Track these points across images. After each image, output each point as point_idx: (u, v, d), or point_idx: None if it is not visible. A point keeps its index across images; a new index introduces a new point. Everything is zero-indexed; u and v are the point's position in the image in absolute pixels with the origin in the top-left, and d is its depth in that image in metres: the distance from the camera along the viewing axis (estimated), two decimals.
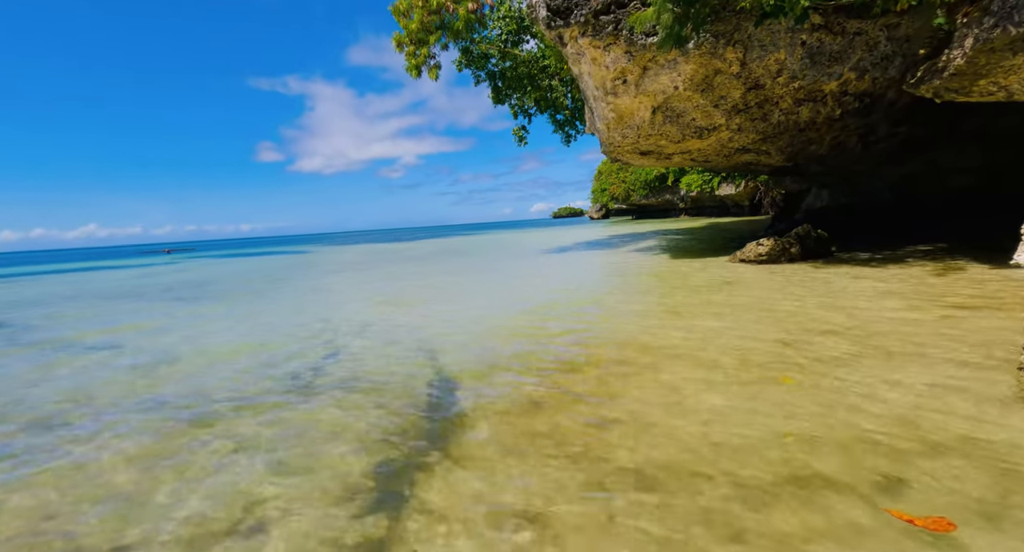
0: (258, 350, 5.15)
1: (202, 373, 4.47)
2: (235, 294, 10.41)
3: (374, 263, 18.31)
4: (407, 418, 3.10)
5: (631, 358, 4.02)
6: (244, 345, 5.43)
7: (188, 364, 4.81)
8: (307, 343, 5.36)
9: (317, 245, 49.38)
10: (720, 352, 3.97)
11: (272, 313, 7.71)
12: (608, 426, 2.77)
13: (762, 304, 5.67)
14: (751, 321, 4.90)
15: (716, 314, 5.34)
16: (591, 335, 4.90)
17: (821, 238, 9.08)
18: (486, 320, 5.98)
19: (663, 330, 4.82)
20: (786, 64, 8.53)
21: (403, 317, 6.50)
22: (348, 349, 4.93)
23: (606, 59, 8.68)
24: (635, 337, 4.64)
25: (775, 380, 3.28)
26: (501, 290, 8.40)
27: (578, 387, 3.43)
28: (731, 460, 2.28)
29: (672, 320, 5.23)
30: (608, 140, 10.89)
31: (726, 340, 4.31)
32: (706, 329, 4.72)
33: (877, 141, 10.80)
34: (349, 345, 5.09)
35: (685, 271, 9.11)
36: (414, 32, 11.99)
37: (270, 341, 5.59)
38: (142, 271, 21.70)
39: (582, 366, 3.90)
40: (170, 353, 5.29)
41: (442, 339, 5.09)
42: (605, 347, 4.42)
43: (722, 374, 3.47)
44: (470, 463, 2.46)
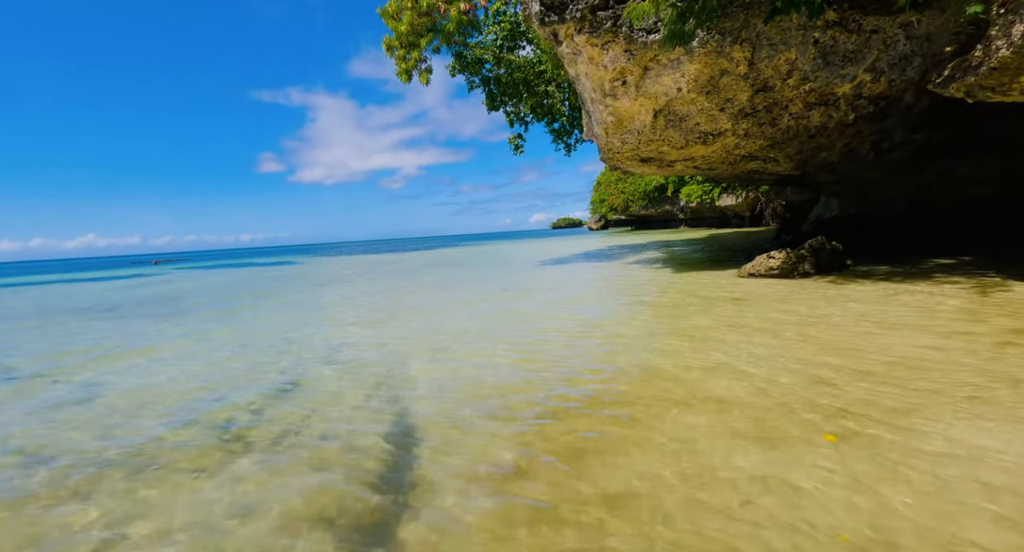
0: (200, 386, 4.42)
1: (117, 417, 3.74)
2: (205, 311, 9.68)
3: (365, 275, 17.61)
4: (352, 495, 2.37)
5: (640, 396, 3.31)
6: (187, 378, 4.71)
7: (106, 404, 4.06)
8: (259, 377, 4.63)
9: (313, 256, 48.72)
10: (745, 391, 3.27)
11: (235, 335, 6.98)
12: (615, 507, 2.06)
13: (783, 328, 4.97)
14: (774, 351, 4.20)
15: (732, 341, 4.64)
16: (591, 367, 4.19)
17: (836, 251, 8.43)
18: (472, 347, 5.27)
19: (675, 361, 4.11)
20: (797, 64, 7.95)
21: (379, 343, 5.79)
22: (303, 388, 4.20)
23: (604, 58, 8.10)
24: (643, 370, 3.92)
25: (815, 434, 2.57)
26: (494, 309, 7.69)
27: (574, 442, 2.72)
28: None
29: (684, 348, 4.52)
30: (607, 146, 10.29)
31: (748, 374, 3.60)
32: (723, 360, 4.02)
33: (891, 149, 10.21)
34: (306, 382, 4.35)
35: (691, 286, 8.42)
36: (404, 35, 11.45)
37: (218, 373, 4.86)
38: (124, 283, 20.97)
39: (578, 413, 3.19)
40: (95, 389, 4.55)
41: (419, 374, 4.37)
42: (608, 383, 3.71)
43: (750, 424, 2.76)
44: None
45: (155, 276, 25.34)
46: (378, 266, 22.96)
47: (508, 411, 3.26)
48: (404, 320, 7.24)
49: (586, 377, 3.88)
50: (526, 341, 5.24)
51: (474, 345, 5.28)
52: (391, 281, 14.17)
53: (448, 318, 7.15)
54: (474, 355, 4.86)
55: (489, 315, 7.20)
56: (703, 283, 8.66)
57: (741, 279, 8.68)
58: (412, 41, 11.63)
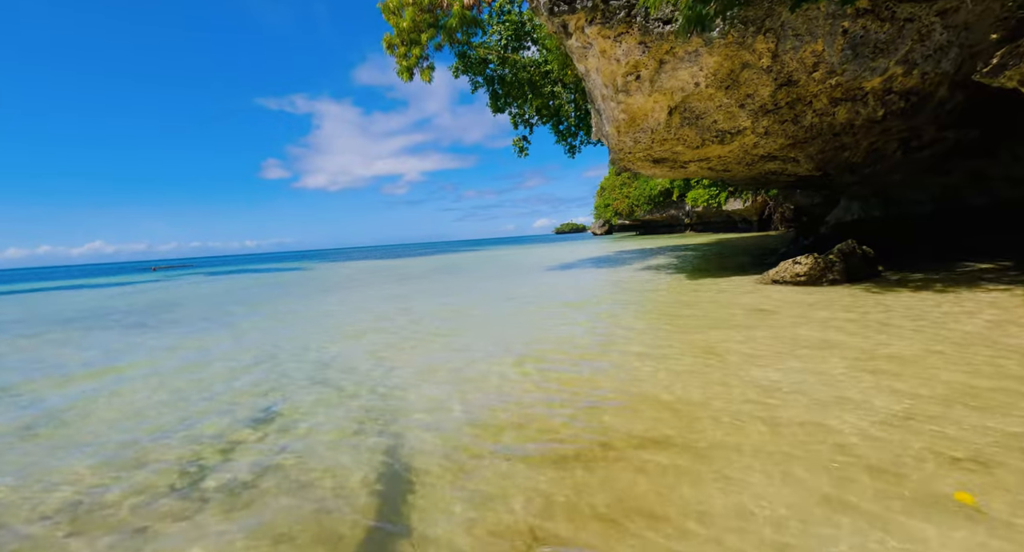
0: (160, 417, 3.87)
1: (41, 454, 3.22)
2: (195, 321, 9.18)
3: (366, 282, 17.13)
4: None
5: (666, 437, 2.76)
6: (150, 405, 4.17)
7: (36, 442, 3.52)
8: (235, 401, 4.10)
9: (316, 261, 48.38)
10: (805, 432, 2.70)
11: (220, 349, 6.47)
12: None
13: (828, 343, 4.41)
14: (825, 373, 3.63)
15: (767, 358, 4.08)
16: (617, 395, 3.62)
17: (867, 256, 7.85)
18: (479, 366, 4.72)
19: (705, 386, 3.56)
20: (824, 56, 7.42)
21: (375, 360, 5.26)
22: (283, 417, 3.66)
23: (617, 51, 7.60)
24: (682, 402, 3.36)
25: (932, 496, 2.00)
26: (497, 321, 7.13)
27: (586, 507, 2.16)
28: None
29: (713, 368, 3.97)
30: (617, 146, 9.77)
31: (799, 405, 3.04)
32: (764, 385, 3.46)
33: (920, 148, 9.65)
34: (287, 410, 3.80)
35: (711, 294, 7.85)
36: (405, 31, 11.02)
37: (188, 397, 4.33)
38: (119, 290, 20.57)
39: (613, 458, 2.63)
40: (40, 417, 4.02)
41: (418, 400, 3.82)
42: (641, 416, 3.16)
43: (824, 480, 2.19)
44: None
45: (152, 283, 24.96)
46: (381, 272, 22.48)
47: (528, 453, 2.70)
48: (403, 333, 6.71)
49: (612, 405, 3.33)
50: (539, 359, 4.69)
51: (481, 363, 4.73)
52: (392, 288, 13.66)
53: (451, 331, 6.61)
54: (482, 375, 4.32)
55: (496, 327, 6.66)
56: (724, 290, 8.09)
57: (764, 286, 8.10)
58: (414, 38, 11.19)
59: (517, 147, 16.91)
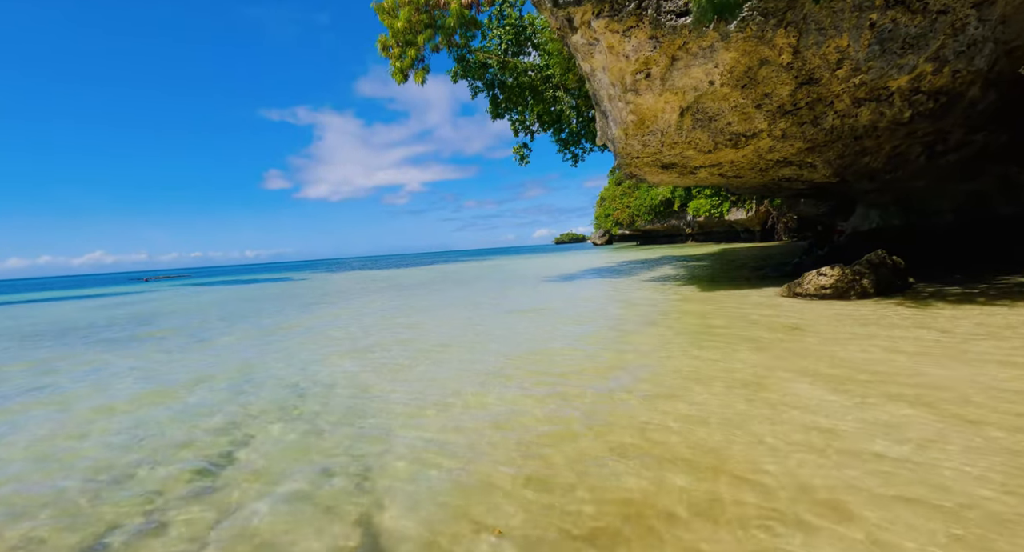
0: (89, 466, 3.21)
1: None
2: (168, 338, 8.53)
3: (361, 293, 16.50)
4: None
5: (733, 506, 2.11)
6: (86, 440, 3.52)
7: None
8: (186, 441, 3.45)
9: (314, 272, 47.75)
10: (909, 498, 2.06)
11: (187, 371, 5.82)
12: None
13: (888, 367, 3.77)
14: (899, 410, 2.99)
15: (819, 389, 3.44)
16: (645, 445, 2.95)
17: (897, 267, 7.24)
18: (472, 399, 4.08)
19: (753, 427, 2.91)
20: (848, 52, 6.89)
21: (357, 387, 4.61)
22: (238, 465, 3.01)
23: (626, 47, 7.07)
24: (710, 447, 2.72)
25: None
26: (497, 340, 6.49)
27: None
28: None
29: (754, 402, 3.32)
30: (624, 150, 9.22)
31: (892, 457, 2.40)
32: (828, 426, 2.81)
33: (945, 152, 9.10)
34: (243, 456, 3.14)
35: (729, 309, 7.23)
36: (401, 32, 10.53)
37: (134, 432, 3.68)
38: (104, 302, 19.93)
39: (651, 539, 1.99)
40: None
41: (402, 448, 3.17)
42: (654, 472, 2.51)
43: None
44: None
45: (140, 294, 24.29)
46: (378, 282, 21.85)
47: (545, 534, 2.04)
48: (392, 355, 6.06)
49: (640, 461, 2.67)
50: (546, 394, 4.04)
51: (475, 396, 4.09)
52: (392, 300, 13.02)
53: (446, 352, 5.96)
54: (479, 411, 3.67)
55: (495, 351, 6.01)
56: (743, 305, 7.46)
57: (787, 299, 7.48)
58: (409, 39, 10.70)
59: (518, 155, 16.40)
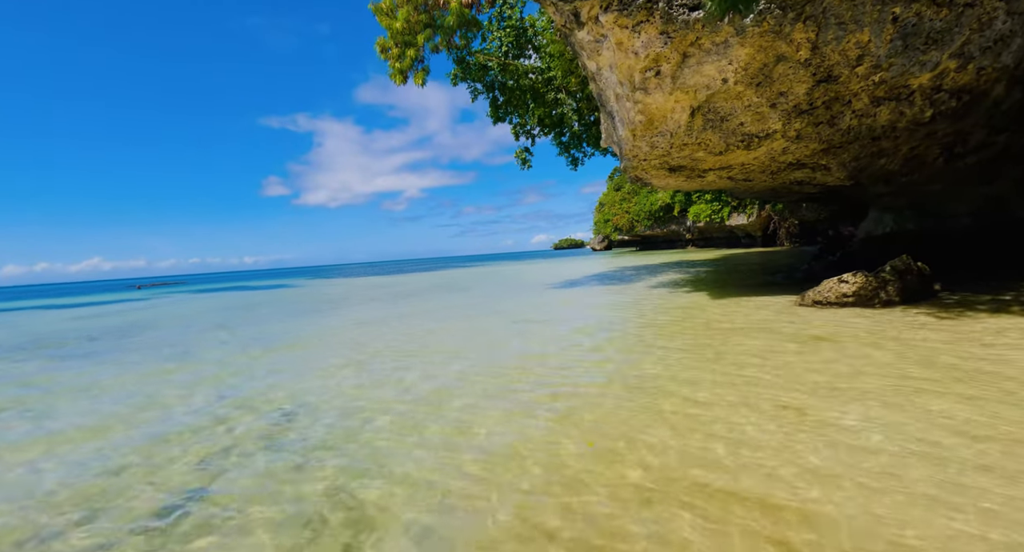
0: (37, 498, 2.80)
1: None
2: (145, 349, 8.07)
3: (355, 301, 16.07)
4: None
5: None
6: (39, 476, 3.09)
7: None
8: (151, 481, 3.02)
9: (311, 278, 47.27)
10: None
11: (155, 393, 5.39)
12: None
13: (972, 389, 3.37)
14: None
15: (883, 415, 3.04)
16: (652, 491, 2.56)
17: (923, 274, 6.86)
18: (472, 429, 3.66)
19: (808, 473, 2.50)
20: (869, 48, 6.56)
21: (344, 410, 4.19)
22: (209, 507, 2.58)
23: (635, 43, 6.72)
24: (761, 493, 2.31)
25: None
26: (496, 356, 6.05)
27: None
28: None
29: (804, 433, 2.91)
30: (631, 152, 8.86)
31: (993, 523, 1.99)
32: (910, 475, 2.41)
33: (965, 153, 8.76)
34: (217, 497, 2.71)
35: (744, 318, 6.83)
36: (399, 33, 10.20)
37: (92, 468, 3.25)
38: (92, 310, 19.44)
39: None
40: None
41: (397, 489, 2.75)
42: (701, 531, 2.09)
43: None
44: None
45: (130, 303, 23.78)
46: (374, 289, 21.42)
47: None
48: (386, 372, 5.64)
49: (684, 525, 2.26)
50: (555, 423, 3.62)
51: (474, 424, 3.67)
52: (386, 309, 12.60)
53: (444, 370, 5.54)
54: (477, 442, 3.25)
55: (498, 365, 5.59)
56: (759, 314, 7.07)
57: (805, 308, 7.09)
58: (408, 40, 10.36)
59: (519, 159, 16.08)
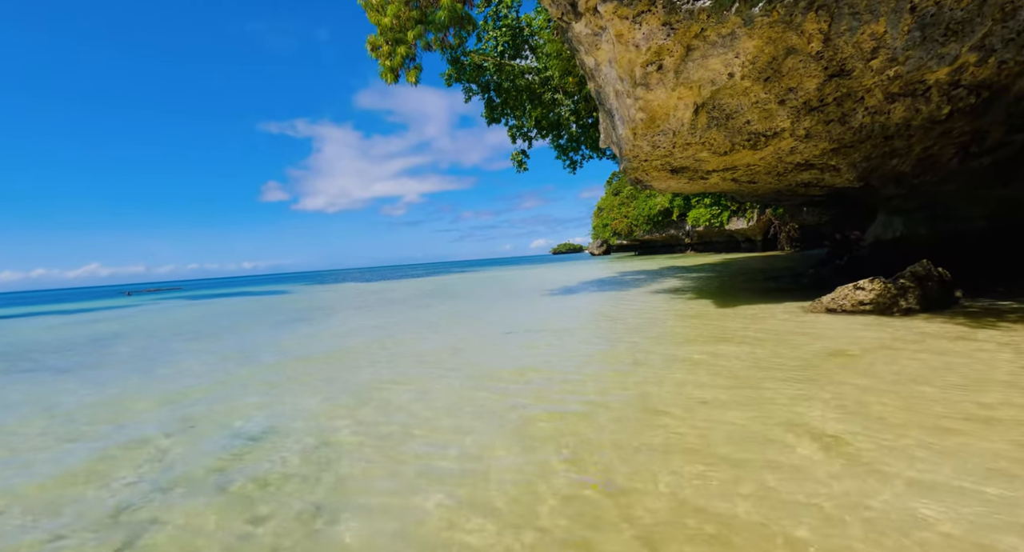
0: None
1: None
2: (112, 365, 7.54)
3: (346, 308, 15.60)
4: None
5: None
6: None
7: None
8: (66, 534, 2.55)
9: (307, 283, 46.76)
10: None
11: (119, 408, 4.91)
12: None
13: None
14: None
15: (951, 454, 2.58)
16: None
17: (944, 281, 6.43)
18: (452, 471, 3.19)
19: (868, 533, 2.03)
20: (885, 40, 6.16)
21: (313, 438, 3.72)
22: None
23: (636, 35, 6.32)
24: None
25: None
26: (488, 373, 5.55)
27: None
28: None
29: (856, 475, 2.45)
30: (632, 152, 8.44)
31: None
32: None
33: (981, 153, 8.37)
34: (150, 545, 2.26)
35: (756, 327, 6.37)
36: (389, 29, 9.80)
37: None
38: (74, 318, 18.92)
39: None
40: None
41: (368, 526, 2.29)
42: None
43: None
44: None
45: (115, 310, 23.24)
46: (367, 295, 20.94)
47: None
48: (362, 390, 5.17)
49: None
50: (552, 454, 3.16)
51: (459, 461, 3.20)
52: (376, 317, 12.13)
53: (427, 388, 5.07)
54: (466, 481, 2.79)
55: (486, 382, 5.12)
56: (769, 323, 6.62)
57: (818, 316, 6.65)
58: (399, 37, 9.97)
59: (516, 161, 15.66)
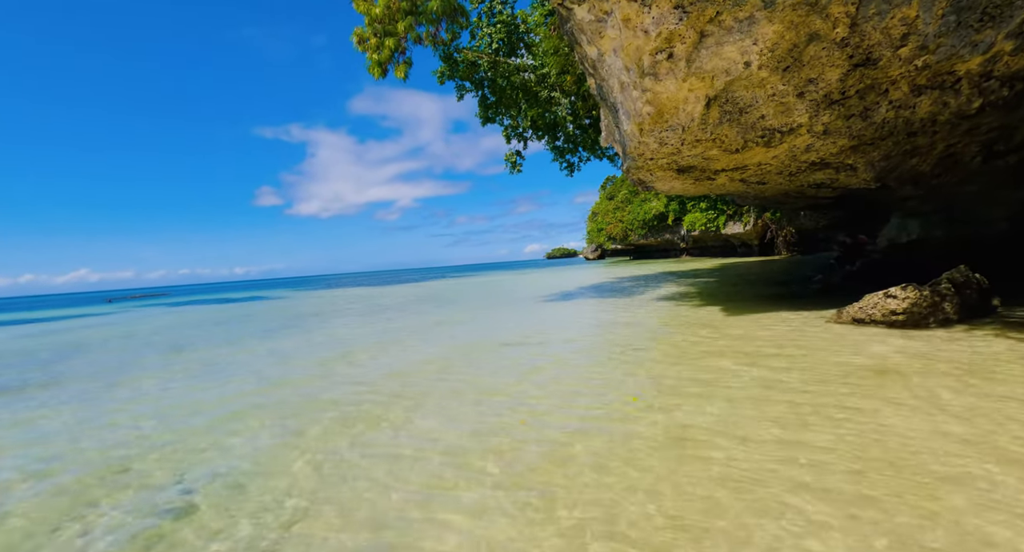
0: None
1: None
2: (65, 383, 6.81)
3: (330, 316, 14.89)
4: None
5: None
6: None
7: None
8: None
9: (297, 289, 45.82)
10: None
11: (70, 437, 4.23)
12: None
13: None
14: None
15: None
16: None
17: (983, 287, 5.89)
18: (429, 523, 2.56)
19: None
20: (916, 25, 5.63)
21: (262, 468, 3.07)
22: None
23: (645, 19, 5.75)
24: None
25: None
26: (476, 397, 4.91)
27: None
28: None
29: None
30: (637, 150, 7.87)
31: None
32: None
33: (1006, 152, 7.89)
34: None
35: (783, 341, 5.77)
36: (377, 20, 9.19)
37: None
38: (52, 326, 18.05)
39: None
40: None
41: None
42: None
43: None
44: None
45: (90, 318, 22.31)
46: (357, 301, 20.21)
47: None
48: (330, 419, 4.52)
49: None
50: (545, 499, 2.53)
51: (434, 513, 2.56)
52: (361, 326, 11.45)
53: (406, 416, 4.42)
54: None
55: (476, 409, 4.49)
56: (792, 333, 6.03)
57: (843, 327, 6.08)
58: (388, 29, 9.36)
59: (509, 162, 15.08)
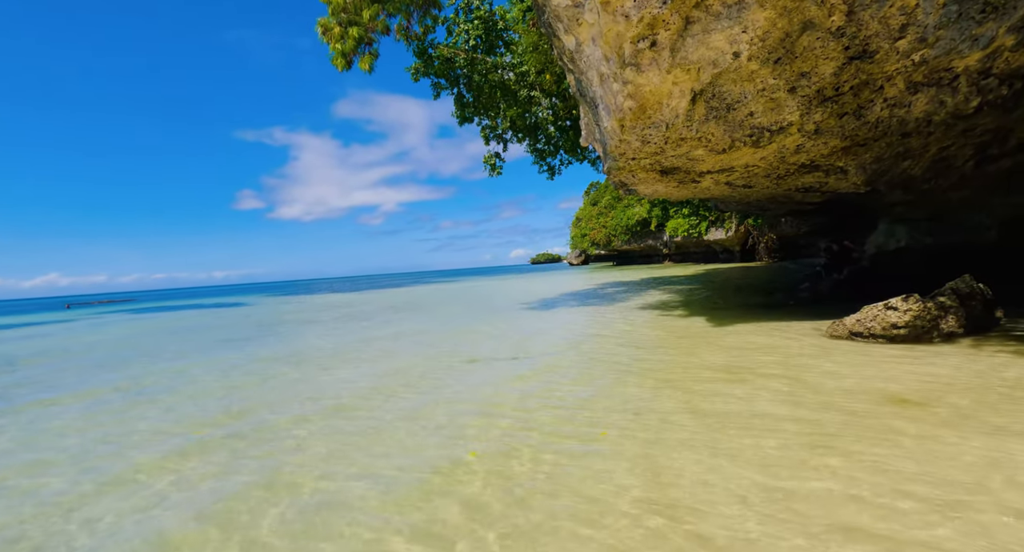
0: None
1: None
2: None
3: (298, 324, 14.04)
4: None
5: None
6: None
7: None
8: None
9: (273, 295, 44.38)
10: None
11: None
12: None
13: None
14: None
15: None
16: None
17: (987, 298, 5.46)
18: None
19: None
20: (916, 15, 5.22)
21: (194, 510, 2.38)
22: None
23: (626, 3, 5.22)
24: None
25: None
26: (450, 414, 4.30)
27: None
28: None
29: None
30: (619, 149, 7.34)
31: None
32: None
33: (1000, 155, 7.58)
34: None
35: (778, 359, 5.24)
36: (341, 8, 8.53)
37: None
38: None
39: None
40: None
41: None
42: None
43: None
44: None
45: (41, 326, 20.95)
46: (329, 309, 19.32)
47: None
48: (274, 446, 3.82)
49: None
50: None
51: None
52: (327, 337, 10.68)
53: (363, 447, 3.75)
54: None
55: (437, 435, 3.84)
56: (786, 349, 5.52)
57: (840, 342, 5.59)
58: (353, 18, 8.70)
59: (489, 164, 14.47)
